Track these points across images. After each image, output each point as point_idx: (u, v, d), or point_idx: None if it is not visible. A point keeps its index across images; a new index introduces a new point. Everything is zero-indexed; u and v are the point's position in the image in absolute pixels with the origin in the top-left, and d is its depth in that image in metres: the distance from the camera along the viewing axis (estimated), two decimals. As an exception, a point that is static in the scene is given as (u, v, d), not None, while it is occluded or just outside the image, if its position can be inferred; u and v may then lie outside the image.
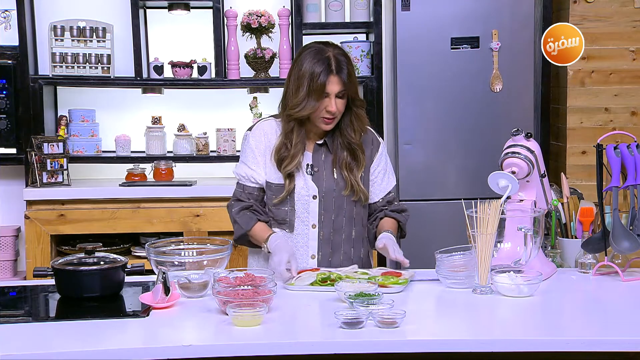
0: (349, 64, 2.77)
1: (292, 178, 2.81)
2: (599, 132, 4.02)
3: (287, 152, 2.79)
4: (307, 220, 2.83)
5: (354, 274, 2.60)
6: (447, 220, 4.29)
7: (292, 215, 2.83)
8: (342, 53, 2.78)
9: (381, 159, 2.92)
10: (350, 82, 2.75)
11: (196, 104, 4.81)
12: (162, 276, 2.36)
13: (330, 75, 2.72)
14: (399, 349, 2.11)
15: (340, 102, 2.75)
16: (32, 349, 2.06)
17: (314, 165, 2.84)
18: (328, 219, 2.83)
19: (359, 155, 2.83)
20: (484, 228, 2.50)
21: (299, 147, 2.80)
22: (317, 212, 2.82)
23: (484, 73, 4.44)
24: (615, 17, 4.48)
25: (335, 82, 2.72)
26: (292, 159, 2.79)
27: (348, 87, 2.74)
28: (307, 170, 2.84)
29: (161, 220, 4.31)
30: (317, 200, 2.82)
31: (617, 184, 2.69)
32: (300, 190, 2.82)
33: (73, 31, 4.55)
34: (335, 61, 2.73)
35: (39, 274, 2.53)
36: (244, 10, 4.61)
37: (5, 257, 4.48)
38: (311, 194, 2.82)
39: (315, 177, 2.83)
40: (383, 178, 2.92)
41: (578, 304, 2.55)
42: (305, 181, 2.82)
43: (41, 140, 4.39)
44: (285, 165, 2.79)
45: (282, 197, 2.81)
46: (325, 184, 2.83)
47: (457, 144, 4.48)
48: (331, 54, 2.75)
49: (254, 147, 2.87)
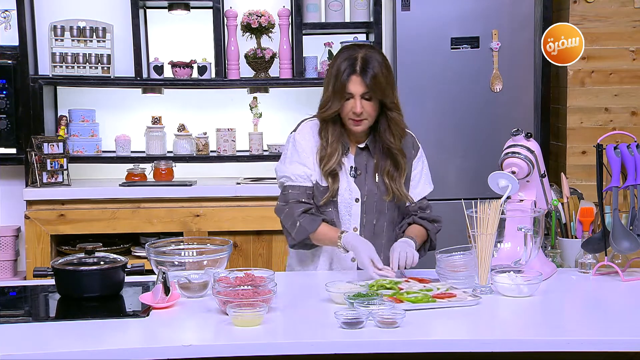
0: (383, 67, 2.70)
1: (335, 178, 2.78)
2: (599, 132, 4.01)
3: (325, 151, 2.77)
4: (349, 223, 2.81)
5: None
6: (447, 220, 4.25)
7: (336, 218, 2.80)
8: (374, 55, 2.72)
9: (418, 163, 2.89)
10: (376, 84, 2.68)
11: (196, 104, 4.81)
12: (162, 276, 2.36)
13: (353, 75, 2.69)
14: (399, 349, 2.11)
15: (368, 104, 2.71)
16: (32, 349, 2.06)
17: (357, 168, 2.82)
18: (369, 223, 2.81)
19: (400, 161, 2.80)
20: (484, 228, 2.50)
21: (335, 146, 2.76)
22: (359, 215, 2.80)
23: (484, 73, 4.44)
24: (615, 17, 4.48)
25: (357, 83, 2.69)
26: (329, 158, 2.76)
27: (372, 89, 2.69)
28: (351, 173, 2.81)
29: (161, 221, 4.31)
30: (359, 203, 2.80)
31: (617, 184, 2.69)
32: (344, 192, 2.80)
33: (73, 31, 4.55)
34: (361, 62, 2.69)
35: (39, 274, 2.53)
36: (244, 10, 4.61)
37: (5, 257, 4.48)
38: (354, 196, 2.80)
39: (358, 180, 2.81)
40: (418, 183, 2.89)
41: (578, 304, 2.55)
42: (348, 183, 2.80)
43: (41, 140, 4.39)
44: (324, 164, 2.77)
45: (327, 198, 2.78)
46: (367, 187, 2.81)
47: (457, 144, 4.47)
48: (360, 54, 2.71)
49: (304, 146, 2.81)
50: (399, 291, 2.41)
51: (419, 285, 2.48)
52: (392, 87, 2.75)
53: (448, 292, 2.42)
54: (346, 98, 2.72)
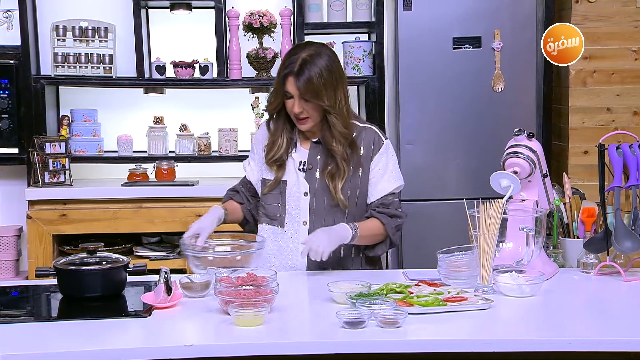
0: (323, 69, 2.70)
1: (280, 168, 2.84)
2: (601, 132, 3.99)
3: (269, 141, 2.86)
4: (298, 217, 2.83)
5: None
6: (449, 220, 4.28)
7: (283, 212, 2.84)
8: (316, 56, 2.71)
9: (381, 159, 2.85)
10: (308, 87, 2.69)
11: (198, 103, 4.82)
12: (164, 276, 2.36)
13: (290, 76, 2.72)
14: (400, 349, 2.11)
15: (307, 105, 2.73)
16: (34, 349, 2.06)
17: (308, 162, 2.84)
18: (319, 217, 2.82)
19: (340, 164, 2.78)
20: (486, 228, 2.50)
21: (277, 136, 2.83)
22: (307, 209, 2.82)
23: (486, 73, 4.44)
24: (617, 17, 4.47)
25: (292, 83, 2.72)
26: (271, 147, 2.84)
27: (303, 92, 2.70)
28: (300, 167, 2.85)
29: (163, 220, 4.31)
30: (308, 197, 2.82)
31: (619, 184, 2.69)
32: (292, 187, 2.83)
33: (75, 31, 4.55)
34: (300, 62, 2.70)
35: (41, 274, 2.53)
36: (245, 10, 4.61)
37: (7, 257, 4.48)
38: (302, 190, 2.83)
39: (307, 174, 2.84)
40: (380, 179, 2.85)
41: (580, 304, 2.55)
42: (297, 178, 2.84)
43: (43, 140, 4.39)
44: (267, 152, 2.86)
45: (270, 185, 2.84)
46: (317, 182, 2.82)
47: (459, 144, 4.47)
48: (303, 54, 2.72)
49: (254, 143, 2.97)
50: (409, 295, 2.40)
51: (429, 289, 2.47)
52: (333, 90, 2.73)
53: (459, 296, 2.40)
54: (287, 96, 2.76)
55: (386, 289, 2.45)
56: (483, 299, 2.39)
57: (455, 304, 2.34)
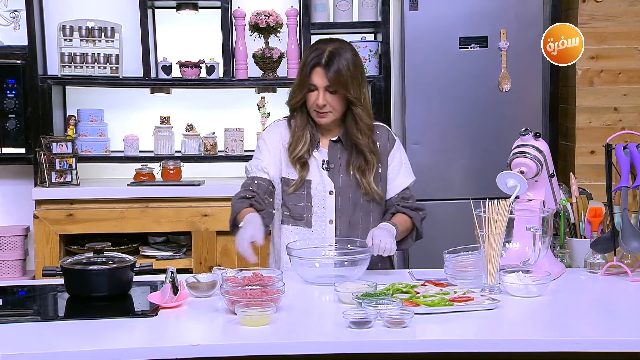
0: (350, 62, 2.74)
1: (304, 167, 2.82)
2: (607, 132, 4.00)
3: (292, 138, 2.84)
4: (324, 216, 2.83)
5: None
6: (455, 220, 4.28)
7: (309, 212, 2.83)
8: (342, 50, 2.75)
9: (395, 155, 2.91)
10: (338, 78, 2.72)
11: (204, 103, 4.82)
12: (170, 276, 2.36)
13: (317, 67, 2.73)
14: (407, 349, 2.11)
15: (332, 98, 2.75)
16: (41, 348, 2.07)
17: (329, 161, 2.85)
18: (345, 215, 2.83)
19: (369, 156, 2.82)
20: (493, 228, 2.49)
21: (301, 134, 2.82)
22: (333, 207, 2.83)
23: (492, 73, 4.43)
24: (624, 16, 4.46)
25: (320, 75, 2.73)
26: (296, 145, 2.82)
27: (334, 84, 2.73)
28: (323, 166, 2.85)
29: (169, 220, 4.31)
30: (333, 196, 2.83)
31: (627, 184, 2.69)
32: (317, 186, 2.83)
33: (82, 31, 4.56)
34: (327, 55, 2.73)
35: (47, 274, 2.54)
36: (252, 10, 4.62)
37: (14, 257, 4.49)
38: (327, 189, 2.83)
39: (331, 173, 2.84)
40: (397, 175, 2.91)
41: (587, 304, 2.54)
42: (321, 177, 2.84)
43: (50, 140, 4.40)
44: (291, 151, 2.82)
45: (295, 185, 2.81)
46: (341, 180, 2.83)
47: (465, 143, 4.47)
48: (329, 47, 2.75)
49: (267, 142, 2.90)
50: (416, 295, 2.39)
51: (435, 289, 2.46)
52: (358, 84, 2.77)
53: (466, 296, 2.40)
54: (310, 89, 2.76)
55: (392, 289, 2.45)
56: (490, 299, 2.39)
57: (462, 304, 2.33)
